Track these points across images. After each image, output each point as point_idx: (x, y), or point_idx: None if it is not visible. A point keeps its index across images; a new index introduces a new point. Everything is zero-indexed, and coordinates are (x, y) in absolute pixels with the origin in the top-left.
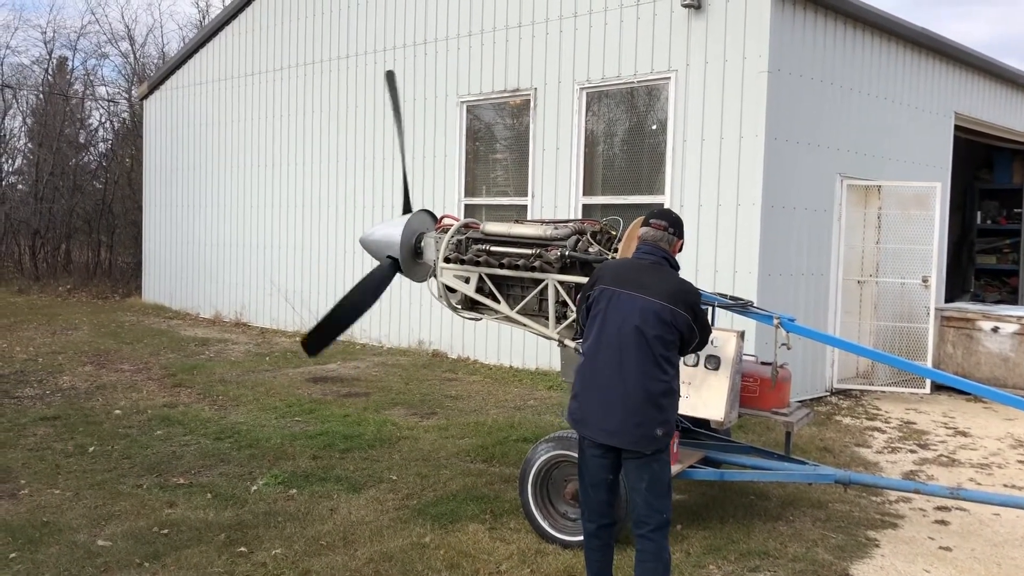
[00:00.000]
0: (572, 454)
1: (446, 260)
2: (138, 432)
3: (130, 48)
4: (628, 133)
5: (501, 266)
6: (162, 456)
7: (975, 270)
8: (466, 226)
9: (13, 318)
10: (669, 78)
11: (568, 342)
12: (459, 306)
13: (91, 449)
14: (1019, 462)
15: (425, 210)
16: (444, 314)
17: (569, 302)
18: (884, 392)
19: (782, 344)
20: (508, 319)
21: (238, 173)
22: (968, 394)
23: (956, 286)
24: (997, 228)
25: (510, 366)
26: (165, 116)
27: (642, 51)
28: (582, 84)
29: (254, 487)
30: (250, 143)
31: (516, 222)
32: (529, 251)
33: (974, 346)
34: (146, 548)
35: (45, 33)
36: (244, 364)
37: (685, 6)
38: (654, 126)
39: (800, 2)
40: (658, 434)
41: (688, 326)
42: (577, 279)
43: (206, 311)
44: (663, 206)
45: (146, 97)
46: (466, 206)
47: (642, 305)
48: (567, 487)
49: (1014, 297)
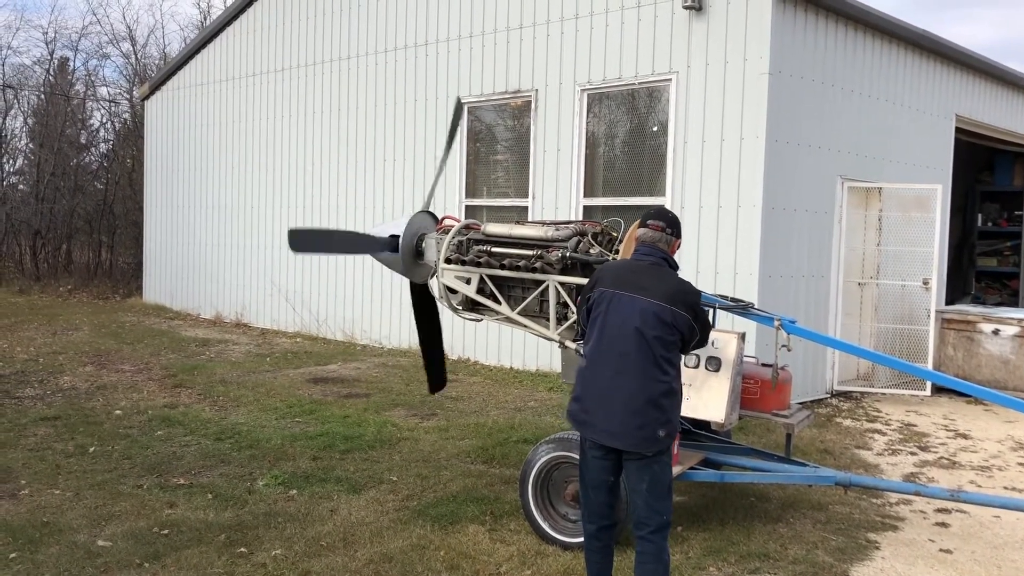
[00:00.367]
0: (573, 455)
1: (447, 261)
2: (138, 432)
3: (131, 49)
4: (629, 135)
5: (502, 267)
6: (162, 456)
7: (976, 272)
8: (467, 227)
9: (14, 318)
10: (670, 80)
11: (569, 343)
12: (460, 307)
13: (91, 449)
14: (1020, 464)
15: (426, 211)
16: (445, 315)
17: (570, 303)
18: (884, 394)
19: (783, 346)
20: (509, 320)
21: (239, 174)
22: (968, 396)
23: (957, 288)
24: (998, 230)
25: (510, 367)
26: (166, 117)
27: (643, 53)
28: (583, 86)
29: (256, 485)
30: (251, 144)
31: (517, 223)
32: (530, 252)
33: (975, 348)
34: (146, 548)
35: (47, 33)
36: (245, 365)
37: (686, 8)
38: (655, 128)
39: (801, 4)
40: (661, 435)
41: (688, 326)
42: (578, 280)
43: (207, 312)
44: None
45: (147, 98)
46: (467, 207)
47: (642, 306)
48: (567, 488)
49: (1015, 299)
